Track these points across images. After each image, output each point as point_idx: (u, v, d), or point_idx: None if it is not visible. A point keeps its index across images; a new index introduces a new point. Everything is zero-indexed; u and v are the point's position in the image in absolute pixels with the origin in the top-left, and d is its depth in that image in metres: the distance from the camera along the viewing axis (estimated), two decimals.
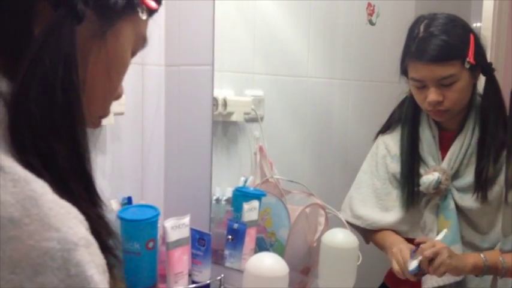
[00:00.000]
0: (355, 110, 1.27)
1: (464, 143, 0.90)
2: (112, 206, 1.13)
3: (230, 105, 1.25)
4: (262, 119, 1.29)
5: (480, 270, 0.87)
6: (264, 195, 1.20)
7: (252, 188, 1.24)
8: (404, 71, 0.96)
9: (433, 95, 0.88)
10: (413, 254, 0.90)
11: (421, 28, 0.90)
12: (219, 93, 1.24)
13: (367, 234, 1.08)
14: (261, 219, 1.21)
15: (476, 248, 0.92)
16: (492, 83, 0.89)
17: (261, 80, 1.31)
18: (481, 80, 0.93)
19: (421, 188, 0.93)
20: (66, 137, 0.39)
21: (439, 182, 0.90)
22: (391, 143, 1.01)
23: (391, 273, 1.05)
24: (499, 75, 0.90)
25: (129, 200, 1.15)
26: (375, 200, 1.02)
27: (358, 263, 1.05)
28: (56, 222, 0.33)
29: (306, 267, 1.19)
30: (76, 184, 0.39)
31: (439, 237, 0.91)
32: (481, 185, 0.88)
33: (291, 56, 1.30)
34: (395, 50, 1.14)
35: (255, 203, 1.17)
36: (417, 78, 0.91)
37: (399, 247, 0.94)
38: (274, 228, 1.22)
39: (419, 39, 0.90)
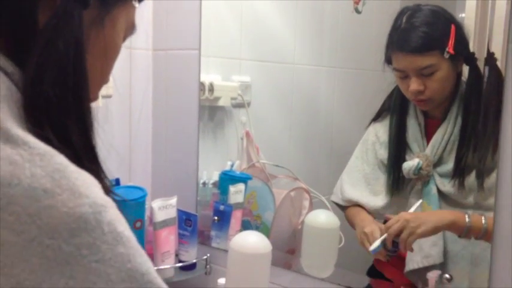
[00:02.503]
0: (341, 97, 1.28)
1: (447, 131, 0.93)
2: None
3: (217, 90, 1.26)
4: (249, 104, 1.30)
5: (462, 229, 0.88)
6: (249, 178, 1.23)
7: (238, 172, 1.26)
8: (388, 61, 0.99)
9: (414, 85, 0.92)
10: None
11: (404, 19, 0.93)
12: (206, 78, 1.26)
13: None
14: (247, 203, 1.23)
15: None
16: (475, 73, 0.91)
17: (248, 66, 1.32)
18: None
19: (403, 174, 0.96)
20: (78, 116, 0.42)
21: (419, 168, 0.93)
22: (381, 130, 1.04)
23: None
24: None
25: (117, 182, 1.17)
26: (364, 184, 1.05)
27: (341, 245, 1.08)
28: (85, 190, 0.36)
29: (291, 249, 1.22)
30: (87, 159, 0.43)
31: (411, 209, 0.94)
32: (460, 172, 0.91)
33: (278, 42, 1.31)
34: (381, 39, 1.16)
35: (241, 186, 1.20)
36: (399, 68, 0.95)
37: (371, 227, 0.98)
38: (259, 211, 1.24)
39: (401, 30, 0.94)
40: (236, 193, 1.19)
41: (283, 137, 1.34)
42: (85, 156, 0.42)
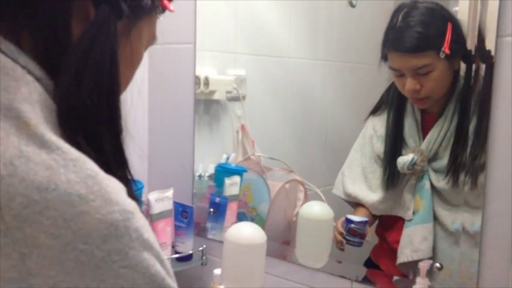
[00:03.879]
0: (336, 91, 1.30)
1: (443, 127, 0.93)
2: None
3: (212, 84, 1.27)
4: (244, 98, 1.31)
5: None
6: (245, 171, 1.24)
7: (233, 165, 1.27)
8: (384, 58, 0.99)
9: (409, 84, 0.92)
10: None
11: (400, 18, 0.93)
12: (201, 71, 1.26)
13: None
14: (242, 195, 1.25)
15: (446, 229, 0.96)
16: (471, 70, 0.90)
17: (243, 60, 1.33)
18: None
19: (398, 168, 0.97)
20: (111, 123, 0.44)
21: (413, 163, 0.94)
22: (379, 124, 1.04)
23: (376, 248, 1.10)
24: None
25: None
26: (362, 178, 1.06)
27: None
28: (115, 197, 0.37)
29: (286, 240, 1.24)
30: (117, 165, 0.44)
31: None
32: (455, 169, 0.91)
33: (273, 36, 1.32)
34: (376, 32, 1.17)
35: (236, 178, 1.21)
36: (394, 68, 0.95)
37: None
38: (255, 203, 1.26)
39: (397, 29, 0.93)
40: (231, 185, 1.20)
41: (279, 130, 1.35)
42: (115, 162, 0.43)
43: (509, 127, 0.81)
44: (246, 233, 0.94)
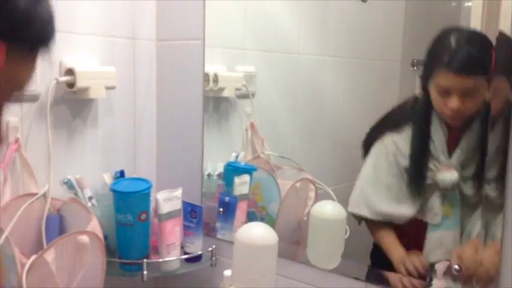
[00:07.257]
0: (346, 87, 1.28)
1: (471, 141, 0.98)
2: (105, 179, 1.15)
3: (221, 81, 1.26)
4: (253, 95, 1.30)
5: None
6: (254, 169, 1.23)
7: (243, 163, 1.26)
8: (426, 76, 1.02)
9: (455, 103, 0.96)
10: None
11: (452, 41, 0.98)
12: (210, 68, 1.25)
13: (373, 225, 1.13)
14: (252, 194, 1.23)
15: (467, 232, 0.99)
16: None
17: (252, 56, 1.31)
18: None
19: (441, 186, 1.00)
20: None
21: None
22: (402, 142, 1.07)
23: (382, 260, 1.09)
24: None
25: (121, 174, 1.17)
26: (388, 195, 1.09)
27: (346, 236, 1.08)
28: None
29: (296, 240, 1.22)
30: None
31: None
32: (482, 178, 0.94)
33: (283, 32, 1.31)
34: (386, 28, 1.15)
35: (246, 177, 1.20)
36: (444, 86, 0.98)
37: (411, 259, 1.02)
38: (265, 202, 1.24)
39: (453, 51, 0.98)
40: (241, 184, 1.19)
41: (288, 127, 1.34)
42: None
43: None
44: (257, 234, 0.92)
